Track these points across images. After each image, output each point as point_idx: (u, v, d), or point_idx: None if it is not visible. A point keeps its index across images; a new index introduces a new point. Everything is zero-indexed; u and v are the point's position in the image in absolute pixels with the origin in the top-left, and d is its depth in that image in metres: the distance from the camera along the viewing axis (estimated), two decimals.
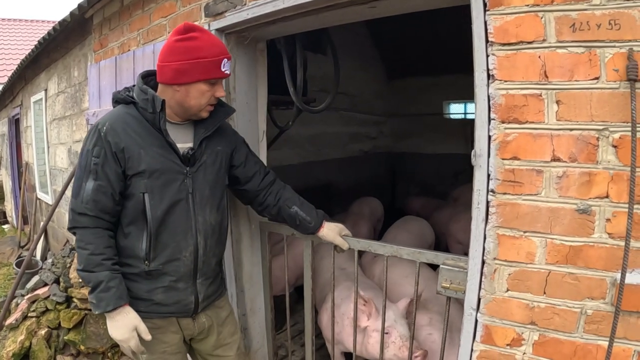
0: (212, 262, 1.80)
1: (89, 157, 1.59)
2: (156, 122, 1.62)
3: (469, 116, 7.26)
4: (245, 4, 2.13)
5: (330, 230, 1.98)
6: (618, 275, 1.31)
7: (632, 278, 1.29)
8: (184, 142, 1.71)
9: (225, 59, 1.62)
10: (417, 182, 7.32)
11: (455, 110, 7.51)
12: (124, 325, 1.57)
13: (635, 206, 1.28)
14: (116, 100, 1.73)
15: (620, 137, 1.29)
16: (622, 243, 1.29)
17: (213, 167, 1.77)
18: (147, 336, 1.60)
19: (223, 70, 1.62)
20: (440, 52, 6.14)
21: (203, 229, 1.73)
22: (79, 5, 3.29)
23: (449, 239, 4.64)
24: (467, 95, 6.56)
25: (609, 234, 1.33)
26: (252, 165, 1.94)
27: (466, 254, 1.62)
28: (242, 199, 2.07)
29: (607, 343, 1.34)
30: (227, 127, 1.93)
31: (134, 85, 1.73)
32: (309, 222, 1.95)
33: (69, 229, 1.62)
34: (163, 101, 1.61)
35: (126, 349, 1.60)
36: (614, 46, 1.27)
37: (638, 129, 1.25)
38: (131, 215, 1.63)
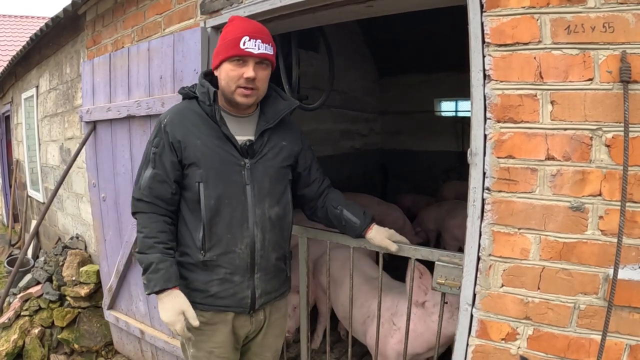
0: (271, 257, 1.75)
1: (150, 148, 1.69)
2: (213, 114, 1.65)
3: (460, 114, 7.30)
4: (241, 2, 2.14)
5: (378, 233, 1.86)
6: (610, 271, 1.34)
7: (624, 274, 1.33)
8: (244, 135, 1.70)
9: (247, 37, 1.57)
10: (407, 179, 7.35)
11: (447, 107, 7.54)
12: (171, 307, 1.58)
13: (628, 204, 1.31)
14: (183, 97, 1.79)
15: (613, 137, 1.33)
16: (615, 240, 1.33)
17: (275, 160, 1.74)
18: (195, 322, 1.60)
19: (243, 47, 1.57)
20: (431, 50, 6.17)
21: (261, 222, 1.69)
22: (73, 2, 3.26)
23: (445, 234, 4.70)
24: (459, 92, 6.62)
25: (601, 230, 1.37)
26: (314, 171, 1.91)
27: (460, 250, 1.65)
28: (295, 202, 1.96)
29: (599, 337, 1.37)
30: (296, 127, 1.90)
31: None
32: (354, 223, 1.86)
33: (132, 214, 1.72)
34: (215, 92, 1.65)
35: (173, 332, 1.62)
36: (608, 48, 1.30)
37: (631, 129, 1.28)
38: (190, 205, 1.68)
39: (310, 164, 1.90)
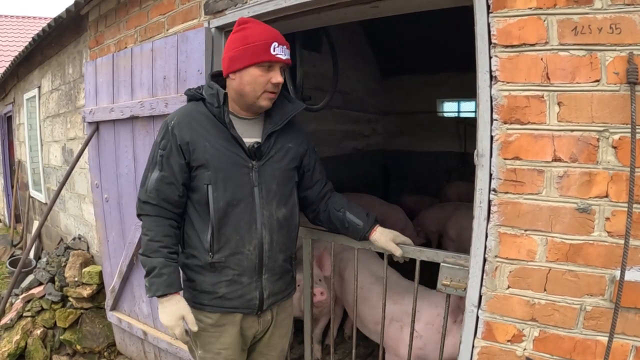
0: (278, 258, 1.76)
1: (156, 150, 1.67)
2: (221, 116, 1.64)
3: (462, 114, 7.30)
4: (246, 2, 2.14)
5: (383, 235, 1.84)
6: (617, 273, 1.34)
7: (631, 275, 1.32)
8: (251, 137, 1.71)
9: (276, 43, 1.59)
10: (410, 180, 7.34)
11: (449, 108, 7.54)
12: (171, 312, 1.60)
13: (634, 205, 1.31)
14: (188, 98, 1.77)
15: (619, 138, 1.32)
16: (621, 241, 1.32)
17: (281, 162, 1.75)
18: (194, 327, 1.63)
19: (274, 53, 1.58)
20: (434, 51, 6.16)
21: (269, 224, 1.70)
22: (75, 2, 3.26)
23: (444, 237, 4.70)
24: (461, 93, 6.62)
25: (608, 232, 1.37)
26: (317, 173, 1.91)
27: (458, 250, 1.64)
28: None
29: (605, 338, 1.37)
30: (301, 128, 1.90)
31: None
32: (357, 225, 1.85)
33: (137, 215, 1.71)
34: (225, 94, 1.64)
35: (172, 335, 1.67)
36: (615, 50, 1.30)
37: (637, 130, 1.28)
38: (198, 207, 1.67)
39: (314, 165, 1.90)
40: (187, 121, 1.65)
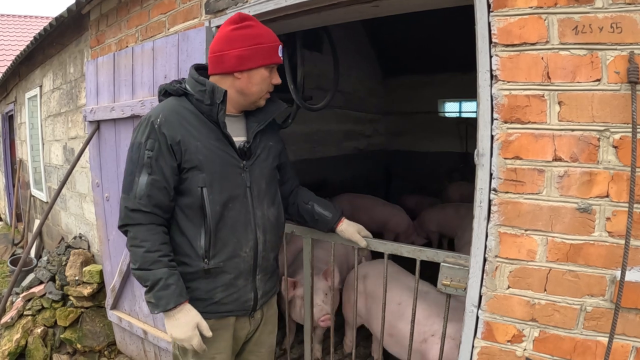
0: (270, 257, 1.74)
1: (142, 151, 1.52)
2: (213, 114, 1.56)
3: (463, 114, 7.30)
4: (247, 1, 2.14)
5: (350, 227, 1.91)
6: (617, 273, 1.33)
7: (631, 275, 1.32)
8: (237, 136, 1.66)
9: (281, 46, 1.62)
10: (411, 180, 7.34)
11: (450, 108, 7.54)
12: (186, 323, 1.51)
13: (635, 205, 1.31)
14: (164, 93, 1.67)
15: (620, 138, 1.32)
16: (622, 241, 1.32)
17: (267, 161, 1.73)
18: (209, 333, 1.55)
19: (280, 56, 1.62)
20: (435, 51, 6.17)
21: (262, 224, 1.67)
22: (77, 1, 3.27)
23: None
24: (462, 93, 6.63)
25: (608, 232, 1.36)
26: (288, 170, 1.92)
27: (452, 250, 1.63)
28: None
29: (606, 339, 1.37)
30: (276, 126, 1.88)
31: (183, 78, 1.69)
32: (326, 216, 1.90)
33: (120, 226, 1.56)
34: (225, 92, 1.56)
35: (187, 348, 1.55)
36: (616, 49, 1.30)
37: (638, 130, 1.28)
38: (188, 211, 1.58)
39: (287, 162, 1.92)
40: (176, 118, 1.54)
